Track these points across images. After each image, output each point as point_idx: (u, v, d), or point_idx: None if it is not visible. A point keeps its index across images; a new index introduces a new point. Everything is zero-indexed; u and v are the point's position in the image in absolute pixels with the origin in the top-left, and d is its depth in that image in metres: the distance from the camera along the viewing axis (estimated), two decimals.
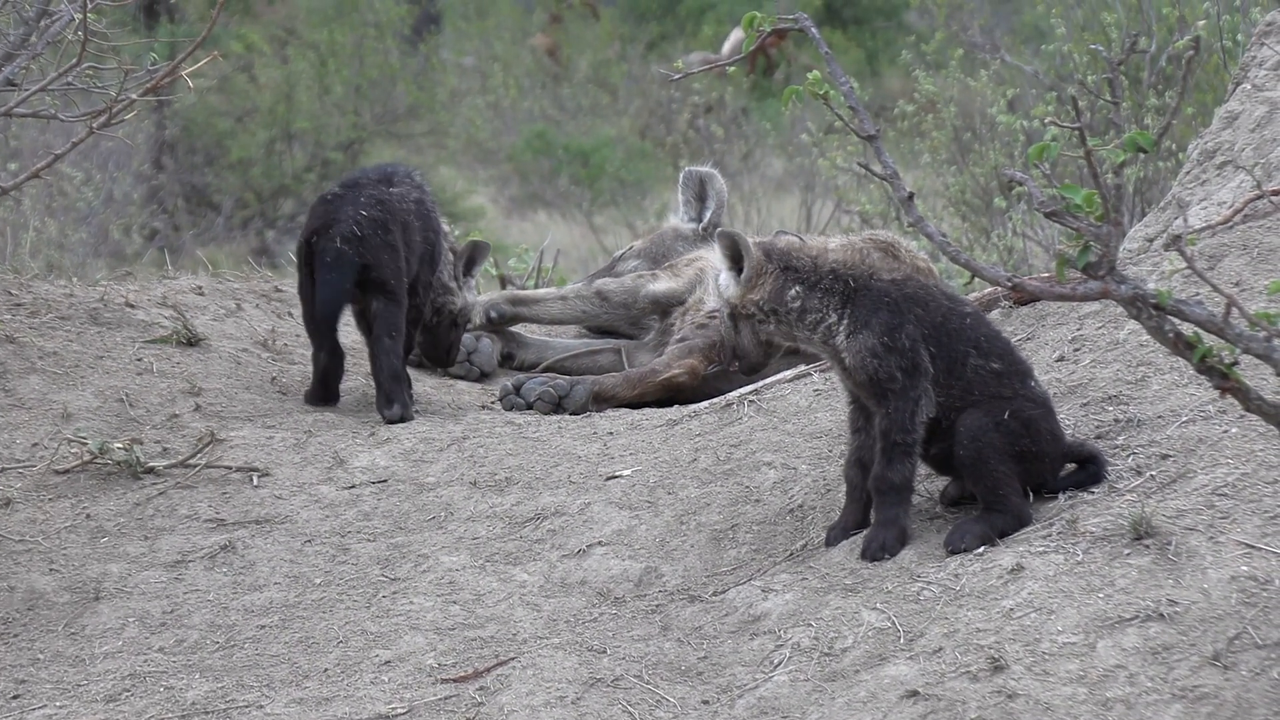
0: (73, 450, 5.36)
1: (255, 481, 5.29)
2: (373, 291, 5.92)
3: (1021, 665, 3.86)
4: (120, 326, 6.17)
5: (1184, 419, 4.51)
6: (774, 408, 5.42)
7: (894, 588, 4.24)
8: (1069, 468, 4.48)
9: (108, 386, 5.73)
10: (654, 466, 5.17)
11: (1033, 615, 3.98)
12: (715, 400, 5.69)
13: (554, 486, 5.15)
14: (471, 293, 6.46)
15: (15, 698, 4.40)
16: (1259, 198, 5.14)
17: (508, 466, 5.30)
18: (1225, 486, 4.19)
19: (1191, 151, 5.81)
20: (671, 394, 6.24)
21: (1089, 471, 4.44)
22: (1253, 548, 3.99)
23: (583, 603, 4.61)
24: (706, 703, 4.10)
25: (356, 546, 4.98)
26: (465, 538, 4.97)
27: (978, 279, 4.03)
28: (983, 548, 4.28)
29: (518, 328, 7.01)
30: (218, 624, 4.69)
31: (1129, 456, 4.44)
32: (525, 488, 5.18)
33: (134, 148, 14.35)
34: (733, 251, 4.60)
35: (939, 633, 4.02)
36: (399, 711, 4.17)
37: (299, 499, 5.22)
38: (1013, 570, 4.13)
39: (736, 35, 19.65)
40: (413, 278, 6.06)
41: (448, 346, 6.47)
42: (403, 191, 6.05)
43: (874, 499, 4.46)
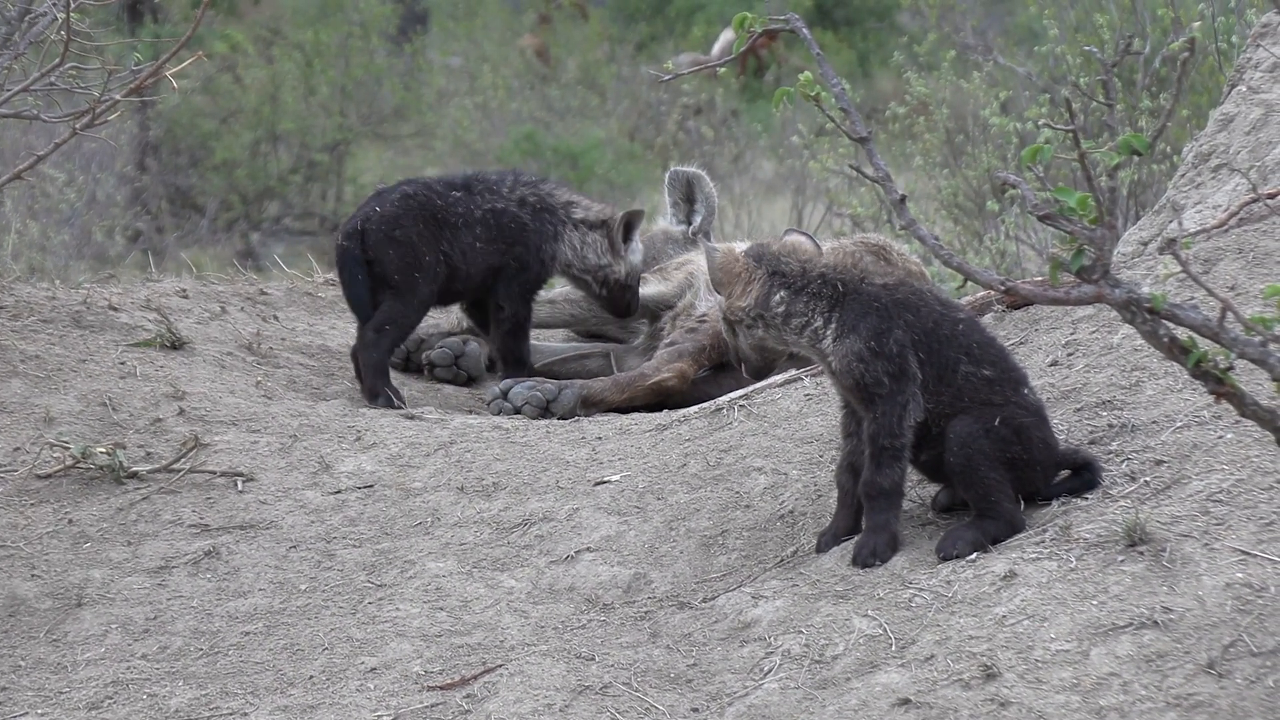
0: (55, 455, 5.34)
1: (240, 486, 5.28)
2: (380, 285, 6.15)
3: (1014, 673, 3.85)
4: (103, 330, 6.16)
5: (1178, 424, 4.50)
6: (764, 412, 5.41)
7: (885, 594, 4.23)
8: (1064, 474, 4.46)
9: (90, 390, 5.70)
10: (643, 472, 5.16)
11: (1026, 622, 3.96)
12: (705, 405, 5.67)
13: (542, 492, 5.13)
14: (635, 255, 6.61)
15: None
16: (1254, 201, 5.12)
17: (495, 471, 5.29)
18: (1220, 492, 4.19)
19: (1186, 154, 5.80)
20: (661, 398, 6.23)
21: (1084, 478, 4.42)
22: (1248, 554, 3.98)
23: (571, 609, 4.60)
24: (696, 710, 4.08)
25: (342, 552, 4.96)
26: (452, 543, 4.96)
27: (970, 282, 4.03)
28: (975, 554, 4.26)
29: None
30: (201, 631, 4.67)
31: (1123, 462, 4.43)
32: (513, 493, 5.16)
33: (117, 149, 14.35)
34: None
35: (931, 640, 4.01)
36: (385, 719, 4.15)
37: (284, 504, 5.20)
38: (1005, 577, 4.12)
39: (727, 36, 19.66)
40: (474, 279, 6.27)
41: (625, 303, 6.67)
42: (464, 197, 6.27)
43: (864, 504, 4.45)
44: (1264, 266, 4.92)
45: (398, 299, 6.12)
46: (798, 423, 5.27)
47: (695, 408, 5.69)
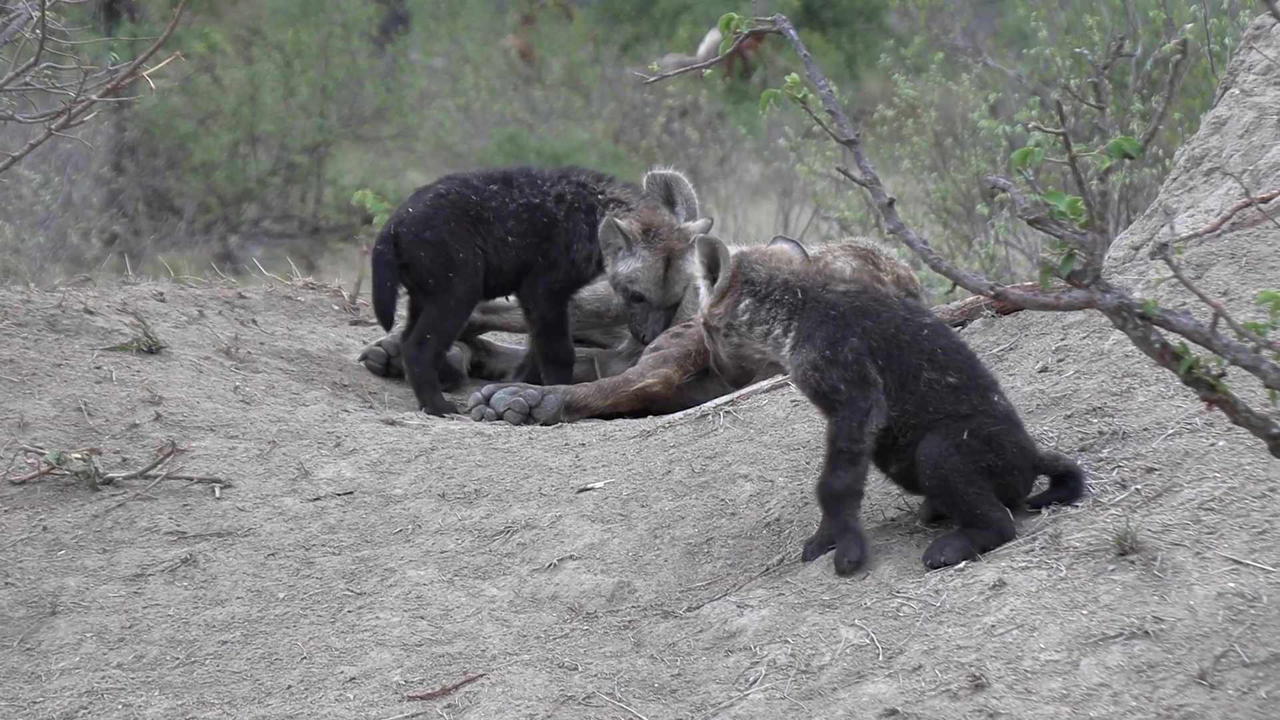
0: (29, 461, 5.32)
1: (217, 493, 5.26)
2: (419, 291, 6.19)
3: (1003, 684, 3.84)
4: (79, 334, 6.13)
5: (1170, 431, 4.49)
6: (750, 419, 5.40)
7: (873, 604, 4.22)
8: (1047, 484, 4.44)
9: (66, 395, 5.68)
10: (627, 479, 5.14)
11: (1015, 632, 3.96)
12: (690, 411, 5.66)
13: (524, 499, 5.11)
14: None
15: None
16: (1247, 205, 5.14)
17: (477, 478, 5.26)
18: (1212, 501, 4.18)
19: (1178, 158, 5.81)
20: (645, 404, 6.21)
21: (1069, 487, 4.39)
22: (1240, 563, 3.97)
23: (553, 618, 4.58)
24: None
25: (321, 560, 4.94)
26: (433, 551, 4.94)
27: (960, 287, 4.02)
28: (963, 563, 4.23)
29: (488, 336, 6.98)
30: (178, 639, 4.65)
31: (1114, 470, 4.43)
32: (495, 500, 5.13)
33: (93, 150, 14.35)
34: (711, 260, 4.64)
35: (919, 650, 4.00)
36: None
37: (262, 511, 5.18)
38: (994, 586, 4.11)
39: (713, 37, 19.65)
40: (506, 275, 6.23)
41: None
42: (501, 190, 6.22)
43: (821, 508, 4.46)
44: (1257, 272, 4.92)
45: (434, 304, 6.12)
46: (784, 429, 5.26)
47: (680, 414, 5.68)
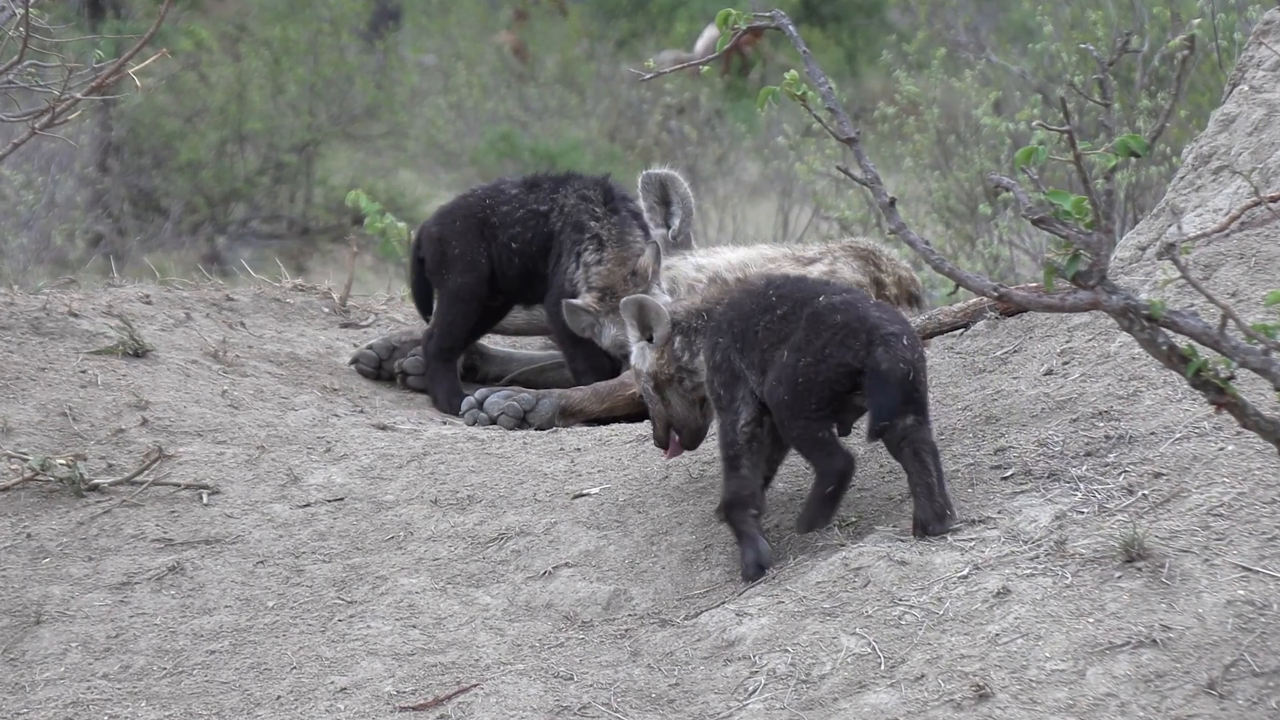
0: (13, 467, 5.30)
1: (205, 500, 5.24)
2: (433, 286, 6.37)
3: (1008, 693, 3.83)
4: (63, 337, 6.12)
5: (1178, 436, 4.47)
6: None
7: (874, 612, 4.20)
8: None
9: (50, 400, 5.66)
10: (623, 484, 5.11)
11: (1019, 641, 3.94)
12: None
13: (519, 505, 5.09)
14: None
15: None
16: (1256, 204, 5.15)
17: (470, 484, 5.24)
18: (1221, 506, 4.16)
19: (1186, 156, 5.82)
20: (641, 408, 6.15)
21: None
22: (1249, 570, 3.96)
23: (548, 627, 4.57)
24: None
25: (311, 568, 4.93)
26: (425, 559, 4.92)
27: (963, 289, 4.02)
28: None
29: (481, 339, 6.92)
30: (165, 649, 4.64)
31: (1120, 475, 4.41)
32: (489, 506, 5.11)
33: (78, 149, 14.38)
34: (641, 319, 4.76)
35: (921, 659, 3.99)
36: None
37: (251, 518, 5.16)
38: (999, 593, 4.10)
39: (710, 33, 19.66)
40: (512, 283, 6.30)
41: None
42: (519, 195, 6.29)
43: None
44: (1266, 272, 4.92)
45: (439, 304, 6.27)
46: None
47: None
